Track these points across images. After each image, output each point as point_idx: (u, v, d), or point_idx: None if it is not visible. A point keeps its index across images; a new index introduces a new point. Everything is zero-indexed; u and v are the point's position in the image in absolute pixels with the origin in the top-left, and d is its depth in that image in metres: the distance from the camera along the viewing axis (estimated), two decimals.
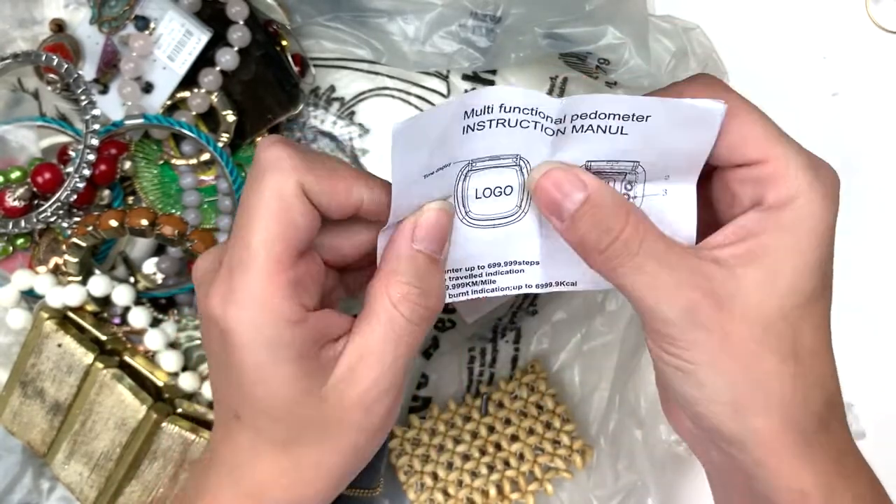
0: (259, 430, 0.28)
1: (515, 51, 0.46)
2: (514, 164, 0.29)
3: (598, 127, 0.27)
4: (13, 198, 0.44)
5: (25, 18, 0.49)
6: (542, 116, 0.27)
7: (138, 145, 0.48)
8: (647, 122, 0.27)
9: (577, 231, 0.27)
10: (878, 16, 0.51)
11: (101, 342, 0.44)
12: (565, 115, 0.27)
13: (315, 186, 0.27)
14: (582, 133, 0.27)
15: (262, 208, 0.26)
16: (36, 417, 0.44)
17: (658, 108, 0.26)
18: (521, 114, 0.27)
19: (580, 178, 0.27)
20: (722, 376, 0.26)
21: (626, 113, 0.26)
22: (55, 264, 0.46)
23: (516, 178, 0.29)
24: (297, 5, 0.47)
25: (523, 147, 0.28)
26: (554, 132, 0.27)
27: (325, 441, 0.28)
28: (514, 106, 0.27)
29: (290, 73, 0.48)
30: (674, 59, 0.44)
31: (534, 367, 0.50)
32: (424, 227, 0.28)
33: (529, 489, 0.48)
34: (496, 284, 0.31)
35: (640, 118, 0.26)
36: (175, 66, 0.47)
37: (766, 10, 0.50)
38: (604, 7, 0.43)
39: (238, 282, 0.26)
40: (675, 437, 0.47)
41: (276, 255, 0.26)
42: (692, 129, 0.27)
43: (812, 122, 0.51)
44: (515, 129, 0.27)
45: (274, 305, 0.26)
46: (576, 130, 0.27)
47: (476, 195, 0.29)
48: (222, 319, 0.26)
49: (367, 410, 0.28)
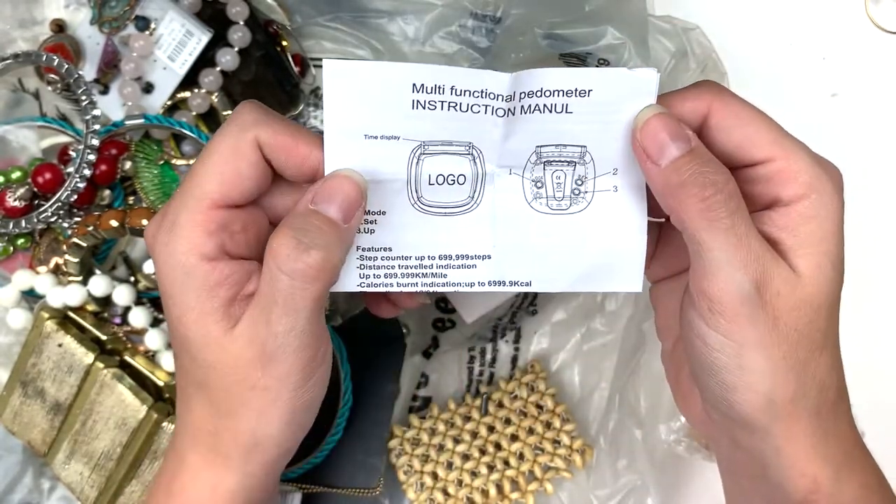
0: (188, 373, 0.29)
1: (515, 51, 0.46)
2: (467, 152, 0.29)
3: (544, 106, 0.28)
4: (14, 198, 0.45)
5: (26, 19, 0.49)
6: (493, 97, 0.28)
7: (139, 145, 0.48)
8: (589, 96, 0.27)
9: (679, 175, 0.27)
10: (878, 16, 0.51)
11: (102, 342, 0.44)
12: (514, 92, 0.27)
13: (270, 140, 0.28)
14: (530, 114, 0.28)
15: (214, 154, 0.28)
16: (36, 417, 0.44)
17: (597, 79, 0.27)
18: (472, 97, 0.27)
19: (687, 131, 0.27)
20: (766, 361, 0.26)
21: (570, 88, 0.27)
22: (56, 264, 0.46)
23: (469, 167, 0.29)
24: (297, 5, 0.47)
25: (476, 135, 0.29)
26: (505, 112, 0.28)
27: (238, 397, 0.28)
28: (465, 89, 0.27)
29: (291, 73, 0.49)
30: (673, 60, 0.44)
31: (534, 367, 0.50)
32: (325, 190, 0.28)
33: (529, 489, 0.48)
34: (447, 279, 0.31)
35: (582, 93, 0.27)
36: (175, 66, 0.47)
37: (766, 11, 0.51)
38: (604, 7, 0.43)
39: (170, 210, 0.28)
40: (674, 436, 0.47)
41: (211, 193, 0.28)
42: (631, 100, 0.28)
43: (812, 122, 0.50)
44: (467, 115, 0.28)
45: (193, 236, 0.27)
46: (524, 111, 0.28)
47: (429, 181, 0.29)
48: (151, 242, 0.28)
49: (265, 370, 0.27)
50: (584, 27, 0.43)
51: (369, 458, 0.44)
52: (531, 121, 0.28)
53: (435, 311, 0.51)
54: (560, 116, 0.28)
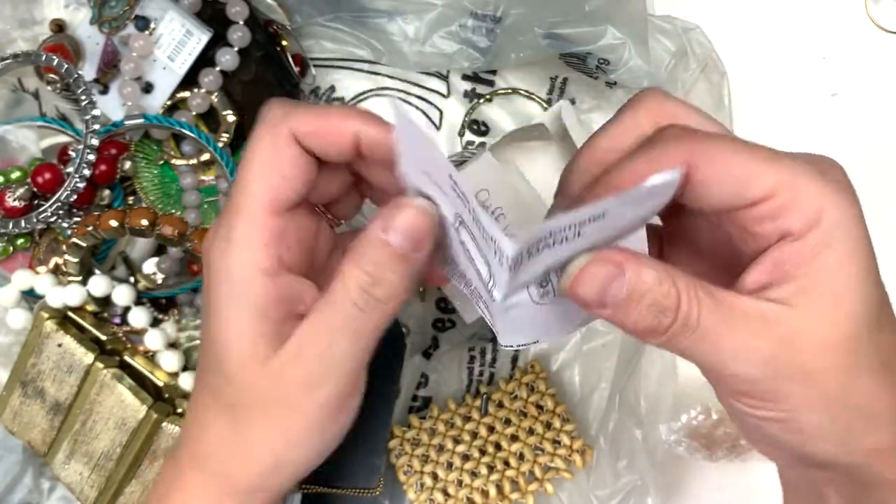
0: (215, 393, 0.28)
1: (515, 51, 0.46)
2: (483, 263, 0.28)
3: (554, 242, 0.25)
4: (13, 198, 0.45)
5: (26, 18, 0.49)
6: (501, 254, 0.25)
7: (138, 145, 0.48)
8: (603, 217, 0.25)
9: (628, 318, 0.25)
10: (878, 16, 0.51)
11: (102, 342, 0.44)
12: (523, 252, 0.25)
13: (305, 128, 0.27)
14: (538, 253, 0.26)
15: (254, 159, 0.27)
16: (36, 417, 0.44)
17: (614, 204, 0.24)
18: (485, 240, 0.26)
19: (615, 260, 0.25)
20: (820, 415, 0.25)
21: (583, 220, 0.25)
22: (55, 264, 0.46)
23: (480, 273, 0.28)
24: (297, 5, 0.47)
25: (489, 256, 0.27)
26: (512, 267, 0.26)
27: (270, 418, 0.27)
28: (477, 221, 0.26)
29: (290, 73, 0.48)
30: (673, 59, 0.44)
31: (534, 367, 0.50)
32: (400, 225, 0.27)
33: (529, 489, 0.48)
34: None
35: (595, 217, 0.25)
36: (175, 66, 0.47)
37: (766, 10, 0.50)
38: (604, 7, 0.43)
39: (223, 221, 0.27)
40: (674, 436, 0.47)
41: (261, 199, 0.27)
42: (648, 201, 0.26)
43: (812, 122, 0.51)
44: (480, 242, 0.27)
45: (252, 248, 0.27)
46: (533, 254, 0.26)
47: (460, 246, 0.28)
48: (206, 254, 0.28)
49: (309, 393, 0.27)
50: (584, 27, 0.43)
51: (369, 458, 0.44)
52: (540, 259, 0.26)
53: (435, 311, 0.51)
54: (571, 242, 0.26)
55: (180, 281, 0.48)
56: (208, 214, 0.49)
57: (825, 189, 0.25)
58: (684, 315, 0.25)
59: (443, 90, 0.51)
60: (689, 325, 0.25)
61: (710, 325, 0.25)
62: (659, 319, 0.25)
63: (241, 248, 0.27)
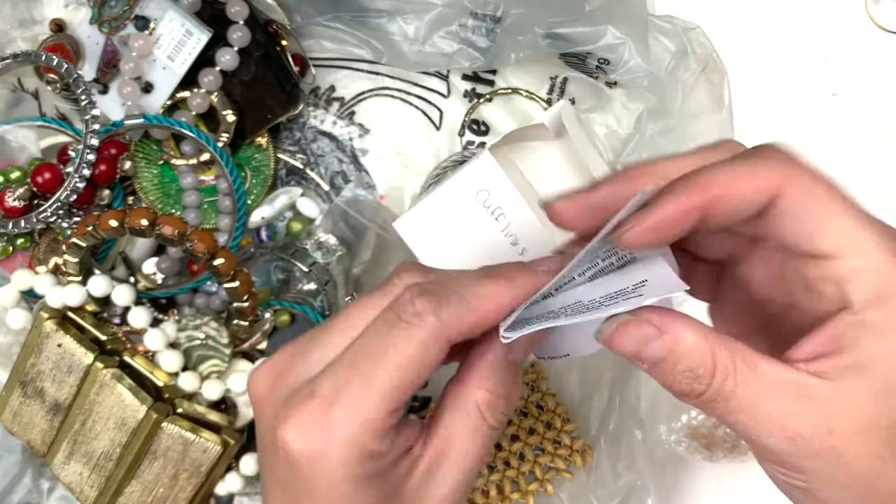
0: None
1: (515, 51, 0.46)
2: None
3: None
4: (13, 198, 0.44)
5: (25, 18, 0.49)
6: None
7: (138, 145, 0.48)
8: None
9: (664, 378, 0.25)
10: (878, 16, 0.51)
11: (101, 342, 0.44)
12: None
13: (460, 331, 0.26)
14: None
15: (398, 359, 0.26)
16: (36, 417, 0.44)
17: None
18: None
19: (655, 323, 0.25)
20: (845, 491, 0.24)
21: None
22: (55, 264, 0.46)
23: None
24: (297, 5, 0.47)
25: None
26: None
27: None
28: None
29: (290, 73, 0.48)
30: (674, 59, 0.44)
31: (534, 367, 0.50)
32: (524, 341, 0.27)
33: (530, 489, 0.48)
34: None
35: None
36: (175, 66, 0.47)
37: (766, 11, 0.50)
38: (604, 7, 0.43)
39: (338, 419, 0.25)
40: (674, 437, 0.47)
41: (394, 404, 0.25)
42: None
43: (812, 122, 0.51)
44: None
45: (370, 446, 0.25)
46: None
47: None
48: (304, 456, 0.25)
49: None
50: (584, 27, 0.43)
51: None
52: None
53: None
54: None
55: (180, 281, 0.48)
56: (208, 214, 0.49)
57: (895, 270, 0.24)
58: (718, 385, 0.24)
59: (443, 90, 0.51)
60: (722, 395, 0.24)
61: (746, 397, 0.24)
62: (692, 386, 0.25)
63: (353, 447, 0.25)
